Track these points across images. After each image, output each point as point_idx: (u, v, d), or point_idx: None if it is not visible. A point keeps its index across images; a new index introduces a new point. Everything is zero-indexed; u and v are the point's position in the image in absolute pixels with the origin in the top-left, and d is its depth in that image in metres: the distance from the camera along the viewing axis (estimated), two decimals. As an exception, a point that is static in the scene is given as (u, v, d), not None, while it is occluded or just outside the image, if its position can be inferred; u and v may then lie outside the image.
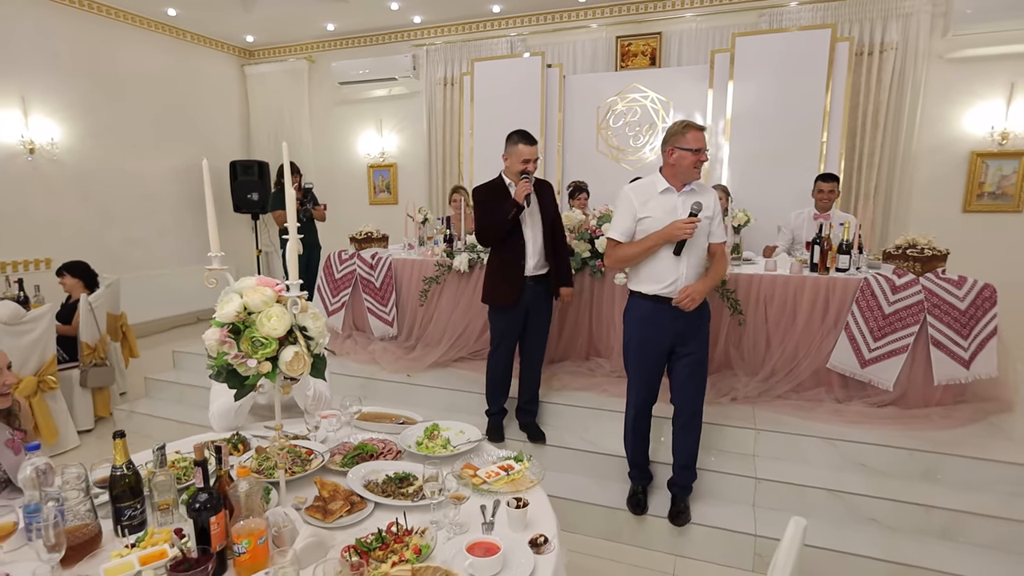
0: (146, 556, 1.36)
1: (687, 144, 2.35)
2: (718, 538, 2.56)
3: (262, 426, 2.16)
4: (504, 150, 2.92)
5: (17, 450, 1.94)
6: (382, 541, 1.42)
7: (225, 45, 7.05)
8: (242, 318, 1.33)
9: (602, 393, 3.37)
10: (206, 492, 1.33)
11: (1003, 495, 2.55)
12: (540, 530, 1.52)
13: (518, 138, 2.85)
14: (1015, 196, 5.13)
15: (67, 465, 1.48)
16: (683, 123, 2.39)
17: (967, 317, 2.90)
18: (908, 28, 5.14)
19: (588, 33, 6.13)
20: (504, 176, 2.95)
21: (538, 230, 2.94)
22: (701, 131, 2.39)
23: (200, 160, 6.25)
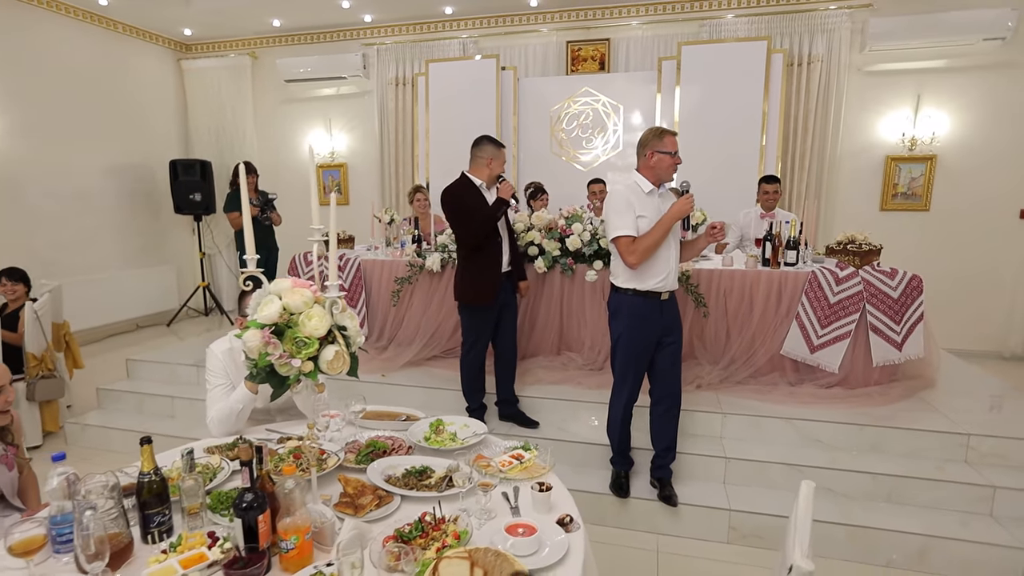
0: (186, 560, 1.37)
1: (666, 148, 2.53)
2: (695, 514, 2.76)
3: (263, 429, 2.15)
4: (482, 152, 3.00)
5: (11, 466, 1.85)
6: (422, 530, 1.48)
7: (160, 38, 6.69)
8: (285, 319, 1.35)
9: (576, 386, 3.51)
10: (252, 492, 1.35)
11: (937, 460, 2.89)
12: (562, 511, 1.63)
13: (496, 144, 3.00)
14: (923, 196, 5.71)
15: (91, 474, 1.45)
16: (659, 129, 2.57)
17: (899, 305, 3.25)
18: (831, 42, 5.62)
19: (539, 37, 6.29)
20: (469, 176, 3.03)
21: (506, 229, 3.08)
22: (675, 136, 2.57)
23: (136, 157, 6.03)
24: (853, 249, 3.33)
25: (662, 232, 2.55)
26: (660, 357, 2.72)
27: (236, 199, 4.95)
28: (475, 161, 3.03)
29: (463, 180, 3.05)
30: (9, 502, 1.85)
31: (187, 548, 1.40)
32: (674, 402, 2.76)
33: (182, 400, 3.76)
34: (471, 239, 3.04)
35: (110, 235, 6.11)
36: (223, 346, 2.22)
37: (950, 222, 5.58)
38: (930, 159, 5.57)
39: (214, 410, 2.09)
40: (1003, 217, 5.48)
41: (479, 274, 3.06)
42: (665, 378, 2.72)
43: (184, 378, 4.02)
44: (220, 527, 1.52)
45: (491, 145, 2.99)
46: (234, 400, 2.05)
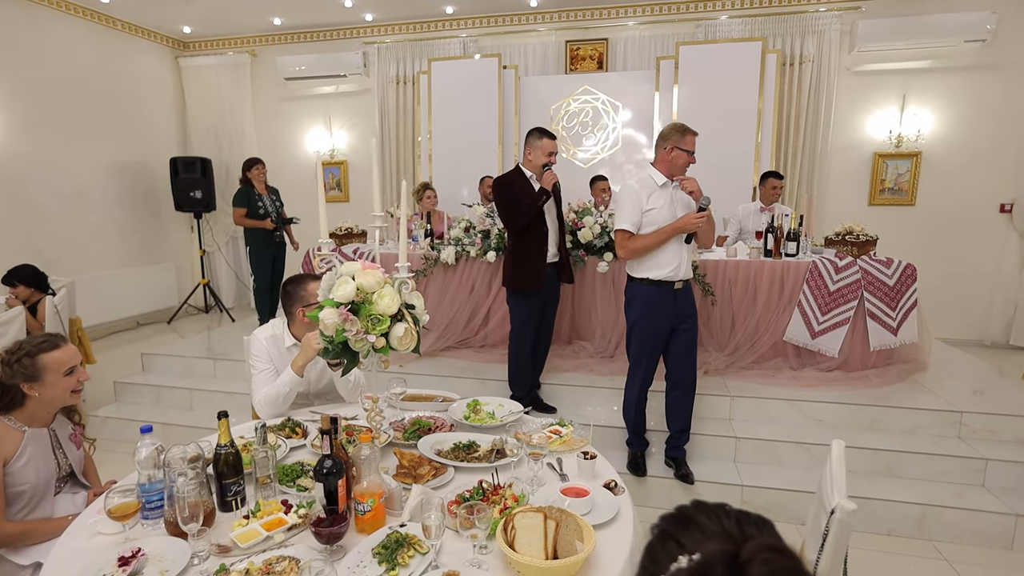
0: (268, 524, 1.47)
1: (686, 146, 2.67)
2: (709, 491, 2.91)
3: (307, 411, 2.24)
4: (526, 145, 3.16)
5: (79, 444, 1.92)
6: (483, 494, 1.59)
7: (158, 35, 6.69)
8: (362, 297, 1.45)
9: (589, 372, 3.65)
10: (331, 459, 1.45)
11: (931, 437, 3.08)
12: (606, 478, 1.76)
13: (540, 134, 3.09)
14: (909, 191, 5.94)
15: (167, 447, 1.54)
16: (683, 127, 2.72)
17: (895, 292, 3.44)
18: (822, 43, 5.82)
19: (538, 36, 6.41)
20: (523, 168, 3.17)
21: (555, 220, 3.18)
22: (696, 136, 2.71)
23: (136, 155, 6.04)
24: (851, 240, 3.50)
25: (659, 240, 2.70)
26: (675, 343, 2.86)
27: (244, 195, 4.98)
28: (525, 153, 3.18)
29: (515, 170, 3.22)
30: (78, 479, 1.92)
31: (265, 514, 1.51)
32: (689, 386, 2.90)
33: (200, 392, 3.82)
34: (512, 226, 3.19)
35: (111, 233, 6.10)
36: (266, 332, 2.32)
37: (934, 216, 5.81)
38: (915, 156, 5.80)
39: (260, 393, 2.18)
40: (984, 212, 5.73)
41: (524, 260, 3.18)
42: (681, 363, 2.86)
43: (201, 371, 4.08)
44: (289, 495, 1.62)
45: (533, 136, 3.13)
46: (281, 383, 2.14)
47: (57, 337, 1.85)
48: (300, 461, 1.79)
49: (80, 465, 1.93)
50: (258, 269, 5.03)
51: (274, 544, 1.41)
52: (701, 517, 0.67)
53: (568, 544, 1.33)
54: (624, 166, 5.99)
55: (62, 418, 1.89)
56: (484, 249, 3.88)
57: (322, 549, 1.38)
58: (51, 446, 1.85)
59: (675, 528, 0.67)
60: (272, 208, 5.06)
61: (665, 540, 0.66)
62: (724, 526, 0.65)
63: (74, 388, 1.79)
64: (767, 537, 0.62)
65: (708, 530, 0.65)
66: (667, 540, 0.66)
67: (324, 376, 2.37)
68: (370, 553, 1.36)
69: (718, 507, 0.70)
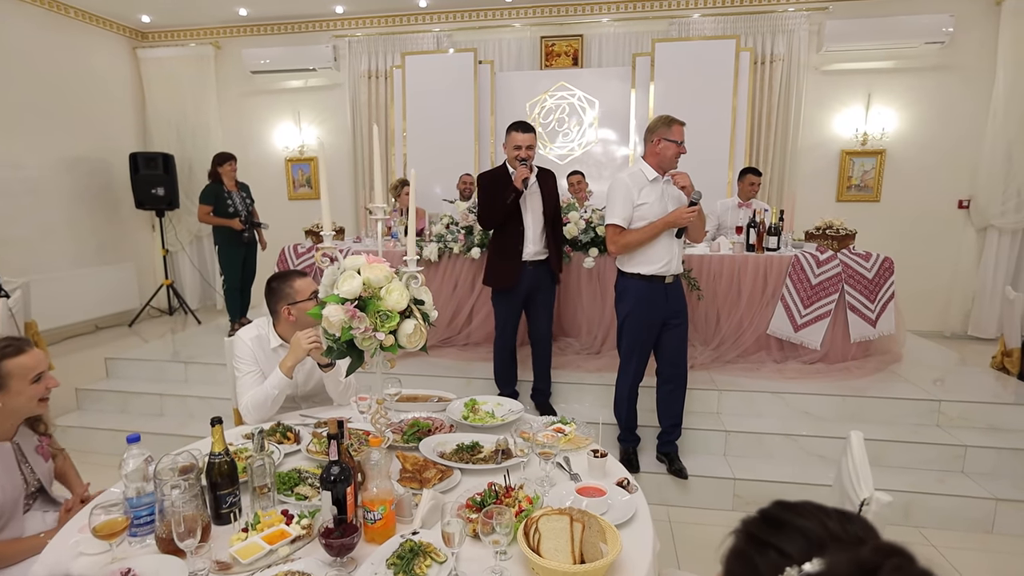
0: (269, 536, 1.38)
1: (673, 136, 2.65)
2: (702, 485, 2.91)
3: (297, 415, 2.14)
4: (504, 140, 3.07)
5: (47, 456, 1.77)
6: (495, 497, 1.53)
7: (115, 24, 6.36)
8: (370, 293, 1.37)
9: (576, 369, 3.62)
10: (339, 465, 1.36)
11: (911, 425, 3.15)
12: (617, 476, 1.72)
13: (512, 127, 3.01)
14: (874, 188, 6.12)
15: (154, 457, 1.43)
16: (669, 118, 2.69)
17: (873, 285, 3.51)
18: (791, 43, 5.93)
19: (513, 32, 6.35)
20: (508, 164, 3.09)
21: (538, 217, 3.09)
22: (683, 126, 2.69)
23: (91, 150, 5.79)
24: (831, 234, 3.57)
25: (650, 234, 2.68)
26: (666, 338, 2.85)
27: (211, 192, 4.77)
28: (505, 149, 3.10)
29: (500, 166, 3.15)
30: (48, 495, 1.78)
31: (266, 526, 1.41)
32: (680, 381, 2.89)
33: (171, 398, 3.63)
34: (482, 223, 3.15)
35: (65, 232, 5.77)
36: (250, 333, 2.20)
37: (898, 212, 5.99)
38: (880, 153, 5.98)
39: (247, 397, 2.07)
40: (944, 208, 5.94)
41: (498, 258, 3.13)
42: (672, 358, 2.85)
43: (171, 375, 3.88)
44: (289, 505, 1.53)
45: (507, 130, 3.04)
46: (270, 386, 2.04)
47: (22, 341, 1.70)
48: (297, 468, 1.70)
49: (50, 479, 1.78)
50: (228, 269, 4.83)
51: (278, 558, 1.32)
52: (797, 519, 0.62)
53: (592, 547, 1.28)
54: (600, 162, 5.99)
55: (25, 429, 1.74)
56: (467, 246, 3.81)
57: (331, 562, 1.29)
58: (16, 460, 1.70)
59: (769, 534, 0.62)
60: (243, 206, 4.86)
61: (763, 548, 0.61)
62: (829, 528, 0.60)
63: (42, 396, 1.65)
64: (884, 541, 0.58)
65: (811, 533, 0.60)
66: (765, 548, 0.60)
67: (312, 377, 2.27)
68: (384, 564, 1.28)
69: (810, 506, 0.65)
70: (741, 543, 0.64)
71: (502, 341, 3.24)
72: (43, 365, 1.66)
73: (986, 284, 5.76)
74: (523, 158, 2.96)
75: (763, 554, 0.60)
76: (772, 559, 0.58)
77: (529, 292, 3.16)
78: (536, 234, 3.10)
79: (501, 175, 3.08)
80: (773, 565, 0.58)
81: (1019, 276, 5.74)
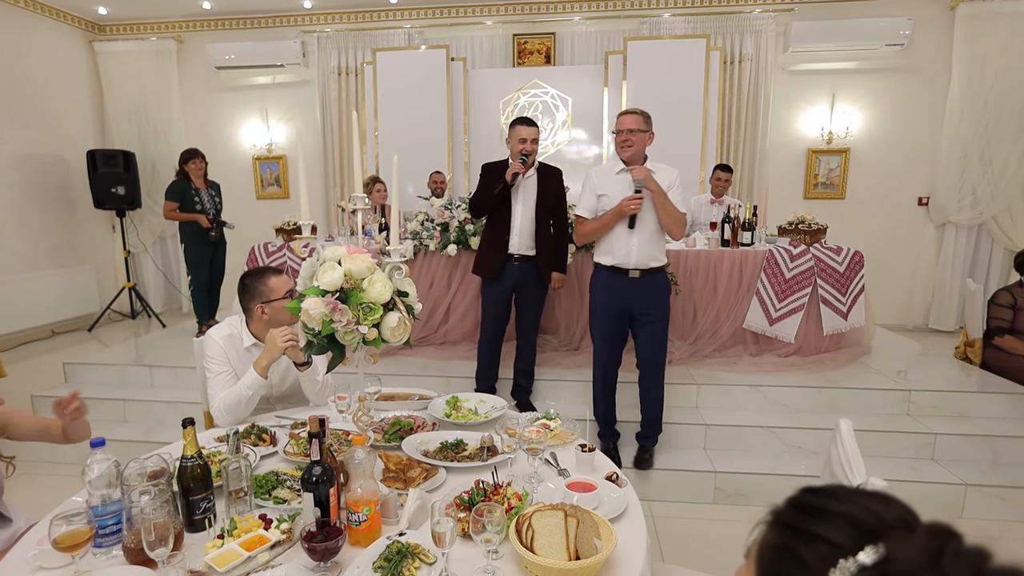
0: (247, 542, 1.31)
1: (615, 127, 2.72)
2: (682, 479, 2.92)
3: (272, 416, 2.05)
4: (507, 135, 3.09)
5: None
6: (484, 495, 1.49)
7: (69, 16, 6.09)
8: (352, 284, 1.31)
9: (555, 366, 3.60)
10: (321, 465, 1.30)
11: (884, 414, 3.22)
12: (605, 471, 1.69)
13: (516, 121, 3.04)
14: (839, 185, 6.27)
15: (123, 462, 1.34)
16: (622, 110, 2.74)
17: (845, 278, 3.59)
18: (759, 43, 6.04)
19: (484, 29, 6.31)
20: (510, 159, 3.09)
21: (529, 211, 3.08)
22: (633, 115, 2.71)
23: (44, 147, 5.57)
24: (804, 228, 3.62)
25: (602, 224, 2.75)
26: (640, 335, 2.85)
27: (177, 188, 4.60)
28: (507, 143, 3.12)
29: (503, 159, 3.17)
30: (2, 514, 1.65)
31: (243, 531, 1.34)
32: (652, 382, 2.90)
33: (135, 403, 3.47)
34: (470, 210, 3.20)
35: (16, 232, 5.49)
36: (222, 332, 2.11)
37: (861, 209, 6.15)
38: (844, 152, 6.13)
39: (219, 398, 1.98)
40: (905, 205, 6.13)
41: (487, 246, 3.16)
42: (643, 355, 2.86)
43: (135, 380, 3.71)
44: (266, 509, 1.46)
45: (511, 124, 3.06)
46: (243, 387, 1.95)
47: None
48: (274, 471, 1.62)
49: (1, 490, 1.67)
50: (195, 269, 4.67)
51: (258, 565, 1.25)
52: (838, 504, 0.58)
53: (587, 542, 1.24)
54: (574, 160, 5.98)
55: None
56: (443, 243, 3.75)
57: (315, 567, 1.23)
58: None
59: (811, 523, 0.57)
60: (211, 204, 4.70)
61: (808, 540, 0.56)
62: (875, 512, 0.56)
63: None
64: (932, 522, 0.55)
65: (857, 519, 0.56)
66: (811, 540, 0.56)
67: (288, 378, 2.19)
68: (370, 567, 1.23)
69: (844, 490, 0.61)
70: (779, 537, 0.60)
71: (484, 337, 3.21)
72: None
73: (945, 278, 5.96)
74: (527, 152, 2.97)
75: (810, 546, 0.55)
76: (821, 551, 0.54)
77: (516, 288, 3.14)
78: (524, 227, 3.09)
79: (502, 168, 3.10)
80: (823, 557, 0.54)
81: (976, 270, 5.95)
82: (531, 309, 3.23)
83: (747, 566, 0.65)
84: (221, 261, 4.82)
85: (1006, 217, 5.77)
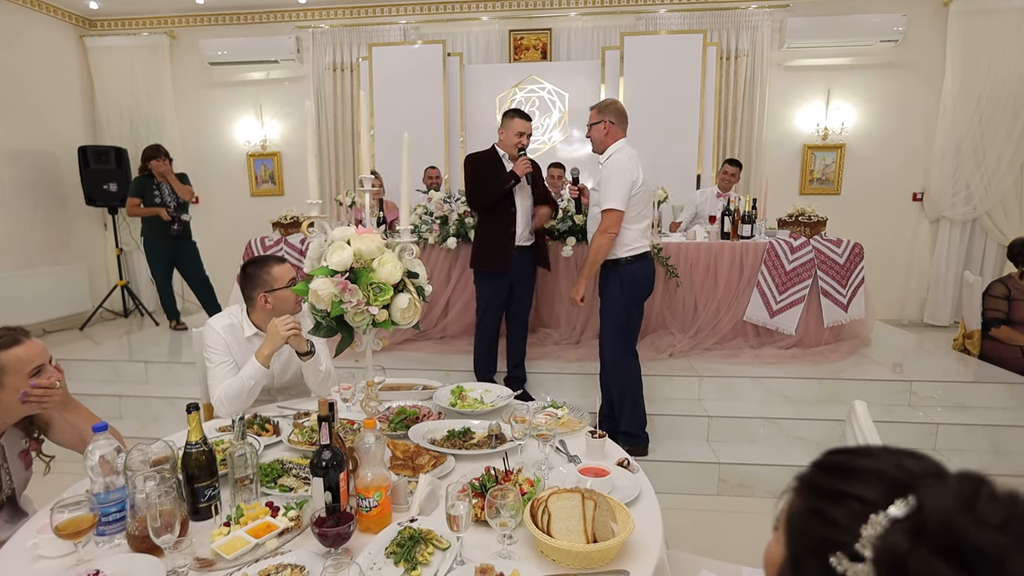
0: (254, 530, 1.28)
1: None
2: (686, 470, 2.90)
3: (274, 407, 2.02)
4: (500, 125, 3.07)
5: (28, 463, 1.61)
6: (495, 481, 1.46)
7: (59, 11, 6.00)
8: (360, 263, 1.28)
9: (557, 360, 3.58)
10: (330, 450, 1.27)
11: (885, 405, 3.22)
12: (616, 458, 1.67)
13: (514, 113, 3.01)
14: (835, 181, 6.28)
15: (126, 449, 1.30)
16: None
17: (845, 270, 3.59)
18: (755, 38, 6.05)
19: (480, 25, 6.28)
20: (497, 148, 3.06)
21: (527, 203, 3.08)
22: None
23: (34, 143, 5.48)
24: (804, 220, 3.62)
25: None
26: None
27: (138, 185, 4.57)
28: (499, 132, 3.11)
29: (489, 149, 3.14)
30: (18, 505, 1.61)
31: (250, 519, 1.31)
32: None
33: (131, 399, 3.42)
34: (474, 204, 3.13)
35: (5, 230, 5.39)
36: (223, 321, 2.07)
37: (857, 205, 6.16)
38: (840, 148, 6.14)
39: (220, 388, 1.94)
40: (899, 200, 6.15)
41: (487, 241, 3.11)
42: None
43: (130, 376, 3.65)
44: (273, 496, 1.43)
45: (507, 116, 3.06)
46: (245, 376, 1.91)
47: (17, 331, 1.52)
48: (279, 459, 1.59)
49: (23, 489, 1.62)
50: (152, 261, 4.68)
51: (267, 552, 1.22)
52: (869, 462, 0.57)
53: (604, 526, 1.22)
54: (572, 156, 5.97)
55: (14, 430, 1.57)
56: (443, 236, 3.72)
57: (326, 553, 1.20)
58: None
59: (841, 483, 0.55)
60: (171, 198, 4.65)
61: (838, 499, 0.54)
62: (907, 466, 0.55)
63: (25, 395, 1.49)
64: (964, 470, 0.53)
65: (888, 475, 0.54)
66: (841, 499, 0.54)
67: (290, 368, 2.15)
68: (383, 553, 1.20)
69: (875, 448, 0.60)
70: (807, 501, 0.58)
71: (484, 328, 3.19)
72: (44, 357, 1.50)
73: (940, 273, 5.99)
74: (524, 145, 2.98)
75: (839, 505, 0.53)
76: (851, 508, 0.52)
77: (515, 279, 3.13)
78: (525, 218, 3.09)
79: (492, 157, 3.08)
80: (853, 514, 0.52)
81: (970, 265, 5.98)
82: (527, 299, 3.25)
83: (776, 538, 0.63)
84: (192, 258, 4.78)
85: (999, 212, 5.81)
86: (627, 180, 2.56)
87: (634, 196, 2.61)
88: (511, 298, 3.19)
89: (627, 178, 2.56)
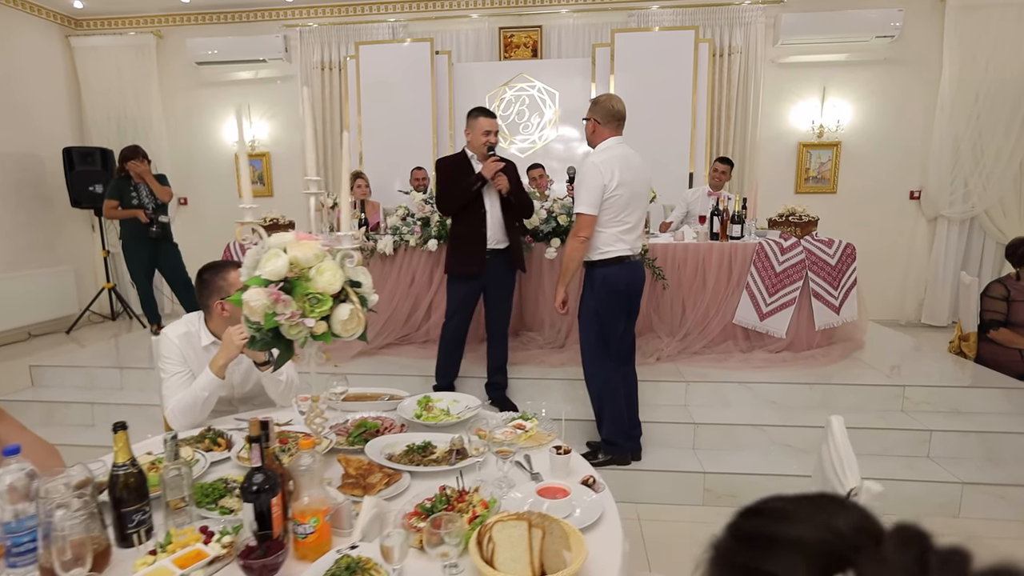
0: (182, 559, 1.19)
1: None
2: (670, 480, 2.81)
3: (231, 419, 1.93)
4: (466, 126, 2.99)
5: None
6: (447, 502, 1.37)
7: (43, 10, 5.93)
8: (296, 272, 1.20)
9: (540, 364, 3.49)
10: (263, 472, 1.19)
11: (877, 411, 3.13)
12: (582, 474, 1.58)
13: (478, 112, 2.93)
14: (831, 180, 6.19)
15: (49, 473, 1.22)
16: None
17: (837, 271, 3.49)
18: (749, 35, 5.95)
19: (470, 23, 6.19)
20: (467, 150, 2.98)
21: (497, 204, 2.99)
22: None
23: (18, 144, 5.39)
24: (794, 220, 3.53)
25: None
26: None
27: (116, 187, 4.50)
28: (465, 133, 3.04)
29: (459, 152, 3.07)
30: None
31: (179, 546, 1.22)
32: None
33: (103, 406, 3.34)
34: (442, 207, 3.04)
35: (-15, 233, 5.34)
36: (178, 330, 1.99)
37: (853, 203, 6.06)
38: (836, 145, 6.05)
39: (173, 400, 1.86)
40: (896, 198, 6.05)
41: (460, 245, 3.03)
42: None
43: (104, 382, 3.58)
44: (211, 520, 1.34)
45: (471, 115, 2.98)
46: (199, 387, 1.83)
47: None
48: (223, 477, 1.50)
49: None
50: (131, 263, 4.63)
51: (192, 584, 1.13)
52: (788, 528, 0.46)
53: (555, 555, 1.13)
54: (562, 156, 5.88)
55: None
56: (424, 238, 3.64)
57: (254, 585, 1.11)
58: None
59: (760, 558, 0.46)
60: (149, 199, 4.57)
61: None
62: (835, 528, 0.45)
63: None
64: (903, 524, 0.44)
65: (812, 543, 0.44)
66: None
67: (250, 378, 2.07)
68: (316, 585, 1.12)
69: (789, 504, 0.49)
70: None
71: (450, 329, 3.12)
72: None
73: (938, 272, 5.89)
74: (492, 144, 2.89)
75: None
76: None
77: (488, 284, 3.03)
78: (496, 220, 3.00)
79: (461, 161, 3.00)
80: None
81: (968, 264, 5.88)
82: (504, 303, 3.16)
83: None
84: (174, 260, 4.71)
85: (998, 210, 5.71)
86: (597, 183, 2.48)
87: (608, 199, 2.52)
88: (486, 303, 3.10)
89: (597, 181, 2.48)
